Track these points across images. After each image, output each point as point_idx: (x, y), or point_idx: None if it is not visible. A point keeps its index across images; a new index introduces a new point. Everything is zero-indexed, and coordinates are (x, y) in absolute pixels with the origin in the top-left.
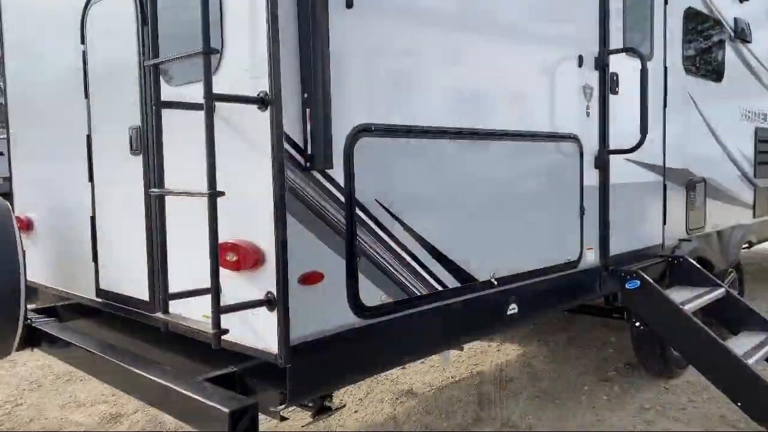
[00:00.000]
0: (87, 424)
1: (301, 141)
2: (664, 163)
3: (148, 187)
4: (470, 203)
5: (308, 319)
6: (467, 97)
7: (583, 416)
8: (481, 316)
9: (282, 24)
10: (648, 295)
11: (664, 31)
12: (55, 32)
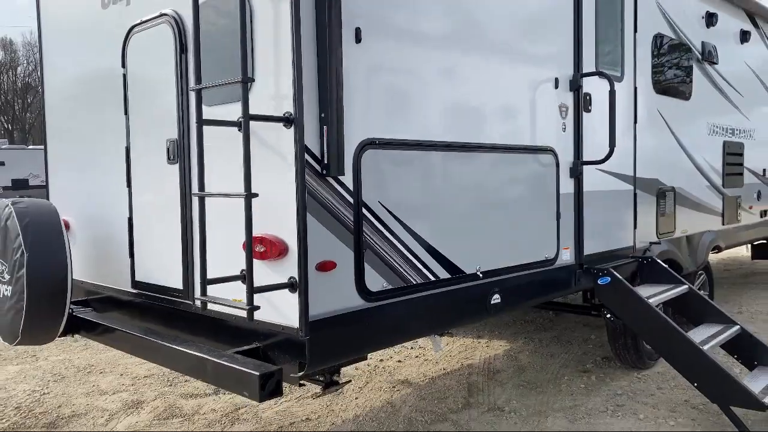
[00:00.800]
0: (111, 409)
1: (319, 152)
2: (635, 174)
3: (184, 191)
4: (460, 206)
5: (323, 301)
6: (457, 114)
7: (562, 401)
8: (468, 303)
9: (304, 57)
10: (618, 290)
11: (634, 55)
12: (97, 56)
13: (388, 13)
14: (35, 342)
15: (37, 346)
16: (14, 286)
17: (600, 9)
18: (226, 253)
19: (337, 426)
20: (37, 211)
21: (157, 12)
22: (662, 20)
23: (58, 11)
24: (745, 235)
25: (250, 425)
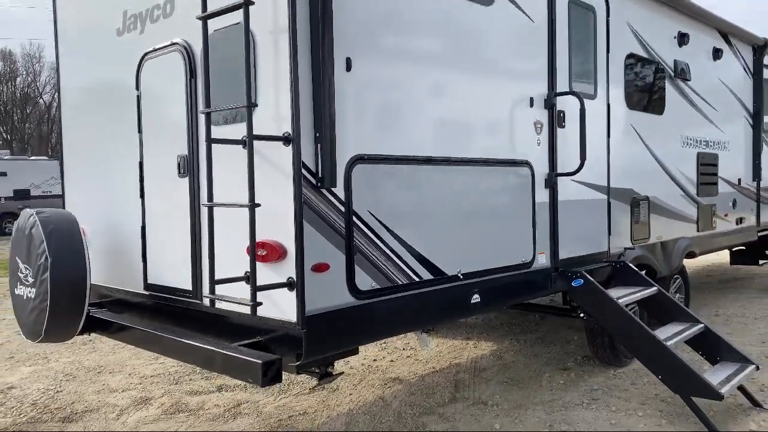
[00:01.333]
0: (121, 405)
1: (314, 167)
2: (609, 184)
3: (193, 201)
4: (443, 214)
5: (318, 298)
6: (439, 132)
7: (541, 396)
8: (450, 302)
9: (301, 84)
10: (590, 292)
11: (606, 74)
12: (112, 79)
13: (375, 46)
14: (56, 340)
15: (47, 349)
16: (38, 288)
17: (573, 32)
18: (231, 256)
19: (332, 418)
20: (59, 219)
21: (168, 41)
22: (634, 41)
23: (76, 37)
24: (720, 241)
25: (251, 419)
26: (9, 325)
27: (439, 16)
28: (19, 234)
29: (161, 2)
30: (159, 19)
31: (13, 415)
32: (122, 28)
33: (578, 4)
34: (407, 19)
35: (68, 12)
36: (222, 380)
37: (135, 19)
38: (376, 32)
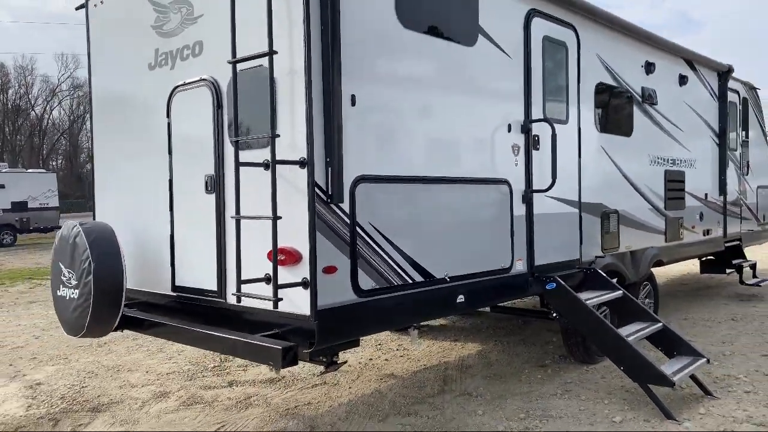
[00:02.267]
0: (142, 398)
1: (325, 186)
2: (580, 199)
3: (219, 215)
4: (432, 225)
5: (327, 295)
6: (430, 155)
7: (520, 388)
8: (438, 301)
9: (314, 117)
10: (562, 294)
11: (578, 102)
12: (144, 107)
13: (376, 85)
14: (95, 335)
15: (67, 350)
16: (81, 290)
17: (546, 65)
18: (252, 260)
19: (334, 407)
20: (100, 229)
21: (197, 77)
22: (604, 71)
23: (110, 68)
24: (688, 251)
25: (261, 409)
26: (26, 329)
27: (430, 58)
28: (62, 242)
29: (191, 44)
30: (188, 58)
31: (45, 406)
32: (154, 64)
33: (551, 41)
34: (404, 62)
35: (102, 46)
36: (232, 377)
37: (166, 57)
38: (377, 74)
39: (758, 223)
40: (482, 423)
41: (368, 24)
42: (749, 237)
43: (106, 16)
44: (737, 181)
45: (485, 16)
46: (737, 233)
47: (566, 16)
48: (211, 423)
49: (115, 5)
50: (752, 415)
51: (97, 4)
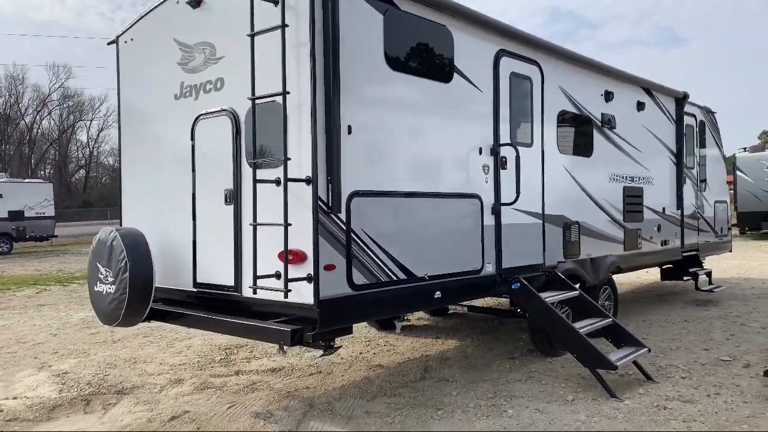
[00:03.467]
0: (160, 383)
1: (326, 199)
2: (543, 211)
3: (237, 222)
4: (414, 232)
5: (327, 288)
6: (413, 173)
7: (490, 375)
8: (418, 296)
9: (318, 143)
10: (525, 293)
11: (541, 127)
12: (170, 131)
13: (368, 118)
14: (127, 324)
15: (85, 345)
16: (117, 285)
17: (513, 97)
18: (264, 260)
19: (328, 390)
20: (133, 234)
21: (219, 108)
22: (566, 100)
23: (138, 96)
24: (645, 260)
25: (265, 392)
26: (42, 328)
27: (413, 94)
28: (100, 245)
29: (213, 80)
30: (211, 91)
31: (75, 390)
32: (179, 95)
33: (517, 76)
34: (391, 98)
35: (131, 77)
36: (237, 367)
37: (191, 89)
38: (369, 108)
39: (716, 235)
40: (456, 401)
41: (362, 68)
42: (706, 248)
43: (136, 53)
44: (694, 197)
45: (460, 57)
46: (695, 244)
47: (531, 54)
48: (222, 403)
49: (145, 43)
50: (683, 394)
51: (127, 41)
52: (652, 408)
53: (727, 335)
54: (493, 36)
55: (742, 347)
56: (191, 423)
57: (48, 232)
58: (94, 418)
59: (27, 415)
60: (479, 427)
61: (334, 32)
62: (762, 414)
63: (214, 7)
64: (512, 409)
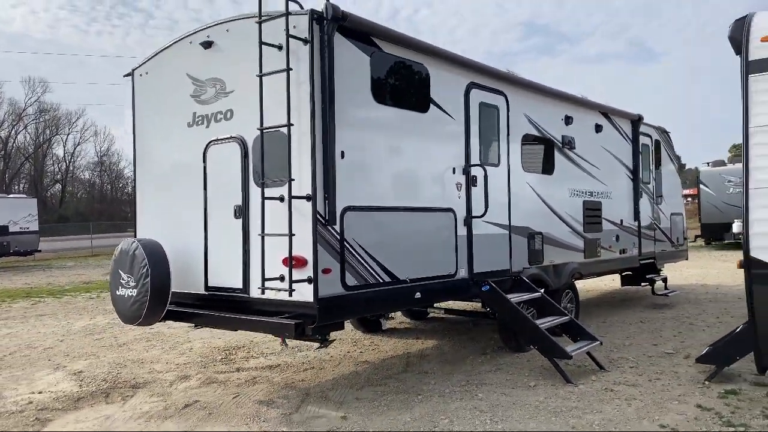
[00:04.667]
0: (169, 379)
1: (323, 213)
2: (510, 223)
3: (245, 233)
4: (398, 241)
5: (325, 289)
6: (397, 191)
7: (464, 368)
8: (401, 296)
9: (317, 165)
10: (493, 294)
11: (507, 150)
12: (183, 155)
13: (358, 145)
14: (147, 323)
15: (93, 348)
16: (139, 289)
17: (482, 124)
18: (271, 265)
19: (321, 382)
20: (152, 244)
21: (228, 135)
22: (529, 125)
23: (153, 123)
24: (604, 266)
25: (265, 385)
26: (47, 336)
27: (395, 123)
28: (122, 254)
29: (223, 110)
30: (221, 121)
31: (93, 385)
32: (191, 123)
33: (486, 105)
34: (377, 127)
35: (145, 106)
36: (238, 365)
37: (202, 119)
38: (358, 136)
39: (672, 245)
40: (434, 388)
41: (353, 102)
42: (663, 256)
43: (151, 84)
44: (651, 209)
45: (435, 90)
46: (651, 252)
47: (498, 86)
48: (228, 394)
49: (159, 77)
50: (629, 380)
51: (142, 74)
52: (601, 390)
53: (675, 333)
54: (464, 71)
55: (686, 342)
56: (203, 410)
57: (32, 247)
58: (115, 407)
59: (55, 405)
60: (454, 408)
61: (330, 73)
62: (692, 393)
63: (223, 48)
64: (482, 393)
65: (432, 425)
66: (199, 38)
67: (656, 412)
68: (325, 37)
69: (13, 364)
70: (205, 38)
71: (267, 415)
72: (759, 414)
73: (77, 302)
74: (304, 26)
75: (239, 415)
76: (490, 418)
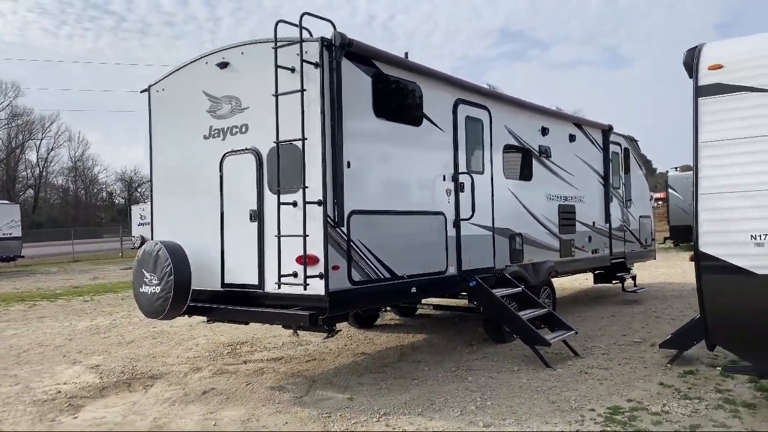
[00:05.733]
0: (183, 371)
1: (333, 216)
2: (493, 225)
3: (260, 235)
4: (396, 241)
5: (334, 283)
6: (395, 197)
7: (453, 357)
8: (399, 291)
9: (327, 174)
10: (480, 289)
11: (491, 159)
12: (200, 164)
13: (361, 155)
14: (170, 317)
15: (104, 346)
16: (163, 286)
17: (468, 136)
18: (285, 263)
19: (324, 371)
20: (174, 246)
21: (244, 147)
22: (510, 136)
23: (169, 135)
24: (578, 265)
25: (273, 374)
26: (54, 336)
27: (393, 136)
28: (146, 255)
29: (239, 125)
30: (237, 134)
31: (113, 377)
32: (208, 135)
33: (471, 119)
34: (377, 140)
35: (162, 120)
36: (244, 358)
37: (219, 132)
38: (361, 147)
39: (641, 245)
40: (428, 374)
41: (357, 117)
42: (633, 255)
43: (168, 100)
44: (621, 212)
45: (427, 106)
46: (622, 252)
47: (482, 101)
48: (240, 382)
49: (176, 93)
50: (601, 364)
51: (159, 90)
52: (577, 373)
53: (643, 325)
54: (453, 88)
55: (653, 333)
56: (221, 395)
57: (15, 253)
58: (138, 395)
59: (83, 393)
60: (447, 389)
61: (338, 92)
62: (655, 374)
63: (238, 69)
64: (471, 377)
65: (429, 403)
66: (215, 59)
67: (624, 389)
68: (333, 61)
69: (31, 360)
70: (221, 59)
71: (280, 398)
72: (712, 389)
73: (73, 305)
74: (315, 52)
75: (255, 399)
76: (480, 397)
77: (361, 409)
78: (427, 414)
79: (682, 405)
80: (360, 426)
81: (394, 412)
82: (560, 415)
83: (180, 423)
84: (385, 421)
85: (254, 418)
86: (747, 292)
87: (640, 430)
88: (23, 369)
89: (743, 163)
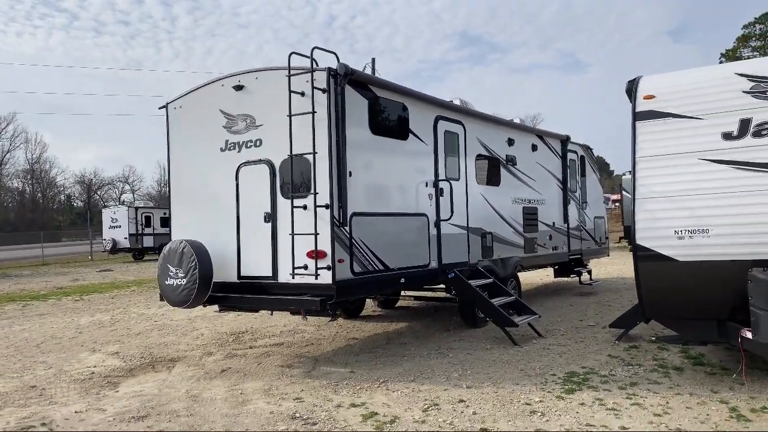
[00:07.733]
0: (195, 355)
1: (338, 217)
2: (468, 224)
3: (274, 234)
4: (389, 238)
5: (339, 274)
6: (387, 200)
7: (433, 340)
8: (391, 281)
9: (332, 181)
10: (458, 280)
11: (465, 167)
12: (217, 174)
13: (360, 165)
14: (194, 306)
15: (116, 337)
16: (188, 279)
17: (446, 147)
18: (297, 257)
19: (323, 353)
20: (197, 244)
21: (258, 158)
22: (481, 147)
23: (187, 148)
24: (540, 260)
25: (279, 356)
26: (62, 330)
27: (386, 148)
28: (171, 252)
29: (253, 139)
30: (251, 147)
31: (135, 361)
32: (224, 148)
33: (449, 132)
34: (373, 152)
35: (180, 135)
36: (249, 344)
37: (234, 145)
38: (360, 159)
39: (596, 243)
40: (414, 352)
41: (357, 133)
42: (589, 252)
43: (185, 117)
44: (577, 213)
45: (412, 122)
46: (579, 249)
47: (457, 117)
48: (251, 363)
49: (193, 110)
50: (560, 342)
51: (176, 108)
52: (540, 349)
53: (597, 312)
54: (433, 107)
55: (605, 318)
56: (238, 372)
57: None
58: (165, 374)
59: (115, 373)
60: (432, 363)
61: (343, 113)
62: (605, 348)
63: (253, 91)
64: (452, 354)
65: (419, 373)
66: (231, 82)
67: (579, 360)
68: (338, 87)
69: (52, 350)
70: (237, 82)
71: (291, 373)
72: (650, 358)
73: (66, 304)
74: (322, 79)
75: (269, 375)
76: (461, 368)
77: (363, 379)
78: (419, 380)
79: (626, 370)
80: (364, 391)
81: (391, 380)
82: (528, 378)
83: (210, 394)
84: (384, 386)
85: (274, 388)
86: (671, 275)
87: (591, 386)
88: (49, 357)
89: (668, 174)
